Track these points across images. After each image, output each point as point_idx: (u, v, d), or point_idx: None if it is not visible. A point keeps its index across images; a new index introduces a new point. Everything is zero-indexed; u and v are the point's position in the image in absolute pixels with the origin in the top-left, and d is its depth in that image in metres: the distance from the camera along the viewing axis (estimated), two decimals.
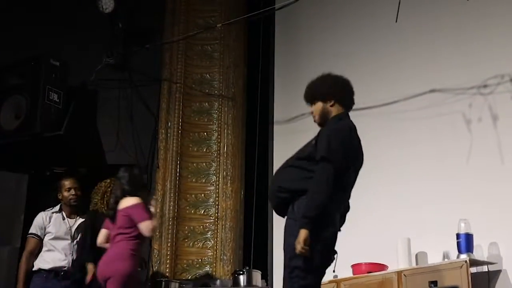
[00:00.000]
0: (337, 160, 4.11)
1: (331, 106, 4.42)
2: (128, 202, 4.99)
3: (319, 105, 4.44)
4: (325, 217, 4.09)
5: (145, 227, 4.93)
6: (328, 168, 4.08)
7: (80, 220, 5.70)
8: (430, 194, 5.73)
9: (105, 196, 5.58)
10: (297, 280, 4.04)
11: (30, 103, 6.51)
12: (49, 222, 5.61)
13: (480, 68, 5.72)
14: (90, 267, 5.36)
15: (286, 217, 4.26)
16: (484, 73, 5.66)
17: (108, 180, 5.66)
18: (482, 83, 5.66)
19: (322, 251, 4.10)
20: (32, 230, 5.60)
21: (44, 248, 5.52)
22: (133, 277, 4.91)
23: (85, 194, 5.80)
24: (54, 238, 5.55)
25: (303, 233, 3.98)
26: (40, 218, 5.64)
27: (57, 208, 5.72)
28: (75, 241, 5.65)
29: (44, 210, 5.74)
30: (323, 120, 4.43)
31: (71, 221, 5.68)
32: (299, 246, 3.97)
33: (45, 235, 5.60)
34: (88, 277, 5.33)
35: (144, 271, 6.60)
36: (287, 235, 4.16)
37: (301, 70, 6.96)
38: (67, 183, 5.73)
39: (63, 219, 5.66)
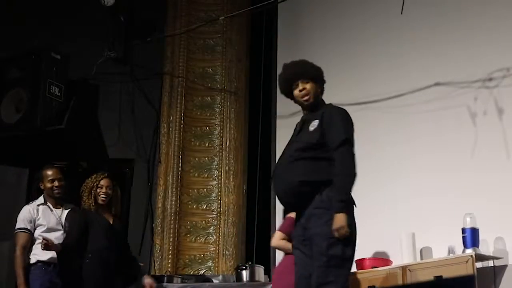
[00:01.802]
0: (353, 143, 4.24)
1: (321, 92, 4.44)
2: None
3: (312, 85, 4.40)
4: (351, 203, 4.17)
5: None
6: (351, 150, 4.20)
7: (67, 209, 5.60)
8: (435, 188, 5.68)
9: (92, 191, 5.51)
10: (335, 270, 4.05)
11: (31, 96, 6.45)
12: (38, 215, 5.45)
13: (485, 61, 5.67)
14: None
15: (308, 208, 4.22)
16: (489, 66, 5.61)
17: (94, 176, 5.59)
18: (487, 76, 5.61)
19: (354, 239, 4.15)
20: (21, 224, 5.42)
21: (38, 241, 5.35)
22: None
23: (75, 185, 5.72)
24: (47, 230, 5.41)
25: (343, 217, 4.03)
26: (27, 211, 5.47)
27: (41, 199, 5.55)
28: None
29: (28, 204, 5.58)
30: (315, 102, 4.38)
31: (58, 211, 5.57)
32: (343, 230, 4.02)
33: (35, 229, 5.44)
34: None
35: (146, 266, 6.57)
36: (320, 224, 4.12)
37: None
38: (49, 173, 5.59)
39: (51, 210, 5.55)
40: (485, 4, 5.85)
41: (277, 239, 5.17)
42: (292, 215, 4.69)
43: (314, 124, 4.28)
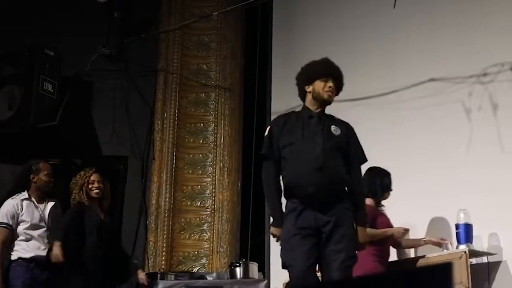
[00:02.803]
0: None
1: None
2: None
3: None
4: None
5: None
6: None
7: (50, 204, 5.53)
8: (429, 184, 5.65)
9: (83, 187, 5.47)
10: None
11: (24, 93, 6.45)
12: (22, 210, 5.31)
13: (480, 56, 5.63)
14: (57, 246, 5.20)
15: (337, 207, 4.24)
16: (484, 61, 5.57)
17: (83, 172, 5.56)
18: (482, 71, 5.57)
19: None
20: (3, 219, 5.25)
21: (20, 237, 5.25)
22: None
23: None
24: (30, 227, 5.28)
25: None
26: (11, 206, 5.30)
27: (25, 194, 5.40)
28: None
29: (11, 197, 5.41)
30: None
31: (42, 206, 5.48)
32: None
33: (18, 224, 5.29)
34: (56, 257, 5.16)
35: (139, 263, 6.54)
36: (351, 225, 4.25)
37: (299, 60, 6.80)
38: (47, 167, 5.55)
39: (35, 206, 5.41)
40: None
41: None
42: None
43: (337, 130, 4.33)
